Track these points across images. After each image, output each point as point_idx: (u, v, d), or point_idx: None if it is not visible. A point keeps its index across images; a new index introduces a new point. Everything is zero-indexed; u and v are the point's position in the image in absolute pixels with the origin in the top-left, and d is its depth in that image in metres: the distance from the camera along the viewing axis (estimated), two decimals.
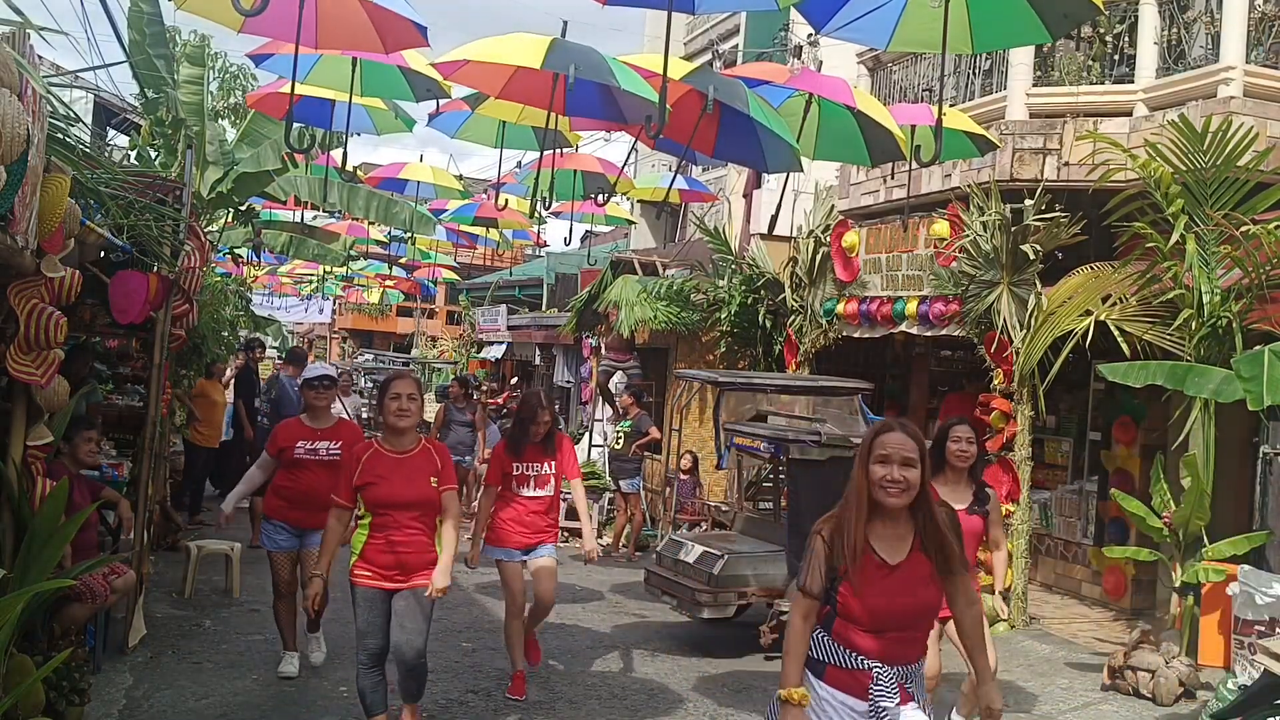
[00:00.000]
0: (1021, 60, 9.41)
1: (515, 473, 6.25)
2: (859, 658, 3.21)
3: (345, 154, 7.82)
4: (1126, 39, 9.31)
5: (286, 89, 6.25)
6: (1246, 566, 6.69)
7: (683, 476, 11.12)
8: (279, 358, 17.23)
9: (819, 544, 3.24)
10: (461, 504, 5.64)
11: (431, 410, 16.43)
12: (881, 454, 3.19)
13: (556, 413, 6.83)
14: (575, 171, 9.72)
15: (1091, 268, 8.16)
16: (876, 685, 3.19)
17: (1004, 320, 8.33)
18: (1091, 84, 9.32)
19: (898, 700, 3.20)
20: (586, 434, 14.87)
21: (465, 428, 12.61)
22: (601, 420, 14.30)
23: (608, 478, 12.01)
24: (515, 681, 6.19)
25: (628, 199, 16.07)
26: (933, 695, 5.35)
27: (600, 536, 11.78)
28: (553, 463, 6.32)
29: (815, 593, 3.22)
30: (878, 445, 3.20)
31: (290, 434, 6.29)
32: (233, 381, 12.26)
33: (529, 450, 6.29)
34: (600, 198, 8.96)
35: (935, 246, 9.03)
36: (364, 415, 17.32)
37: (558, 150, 8.17)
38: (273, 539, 6.25)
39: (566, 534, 11.86)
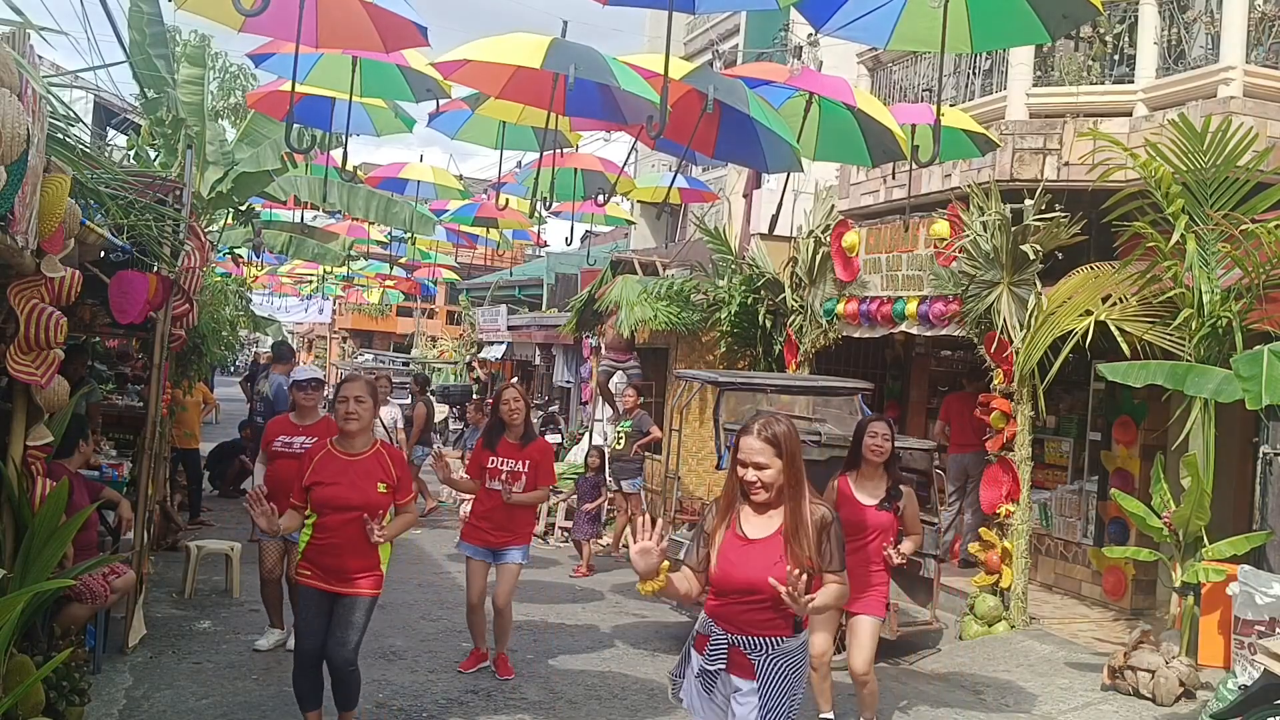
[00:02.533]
0: (1021, 60, 9.40)
1: (489, 465, 6.38)
2: (709, 622, 3.57)
3: (345, 154, 7.83)
4: (1126, 39, 9.31)
5: (286, 88, 6.26)
6: (1246, 566, 6.69)
7: (589, 474, 11.13)
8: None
9: (701, 523, 3.65)
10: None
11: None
12: (739, 456, 3.51)
13: (530, 407, 6.90)
14: (576, 170, 9.72)
15: (1091, 268, 8.15)
16: (709, 646, 3.53)
17: (1004, 320, 8.32)
18: (1091, 84, 9.31)
19: (723, 666, 3.51)
20: (586, 434, 14.86)
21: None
22: (601, 420, 14.29)
23: (608, 478, 11.99)
24: (470, 656, 6.47)
25: (628, 199, 16.07)
26: (820, 673, 5.61)
27: (600, 537, 11.78)
28: (527, 461, 6.38)
29: (693, 564, 3.61)
30: (738, 447, 3.51)
31: (275, 429, 6.60)
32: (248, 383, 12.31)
33: (503, 445, 6.41)
34: (600, 198, 8.96)
35: (935, 246, 9.03)
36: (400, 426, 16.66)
37: (558, 150, 8.17)
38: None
39: (565, 534, 11.87)
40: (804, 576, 3.33)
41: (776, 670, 3.48)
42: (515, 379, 22.91)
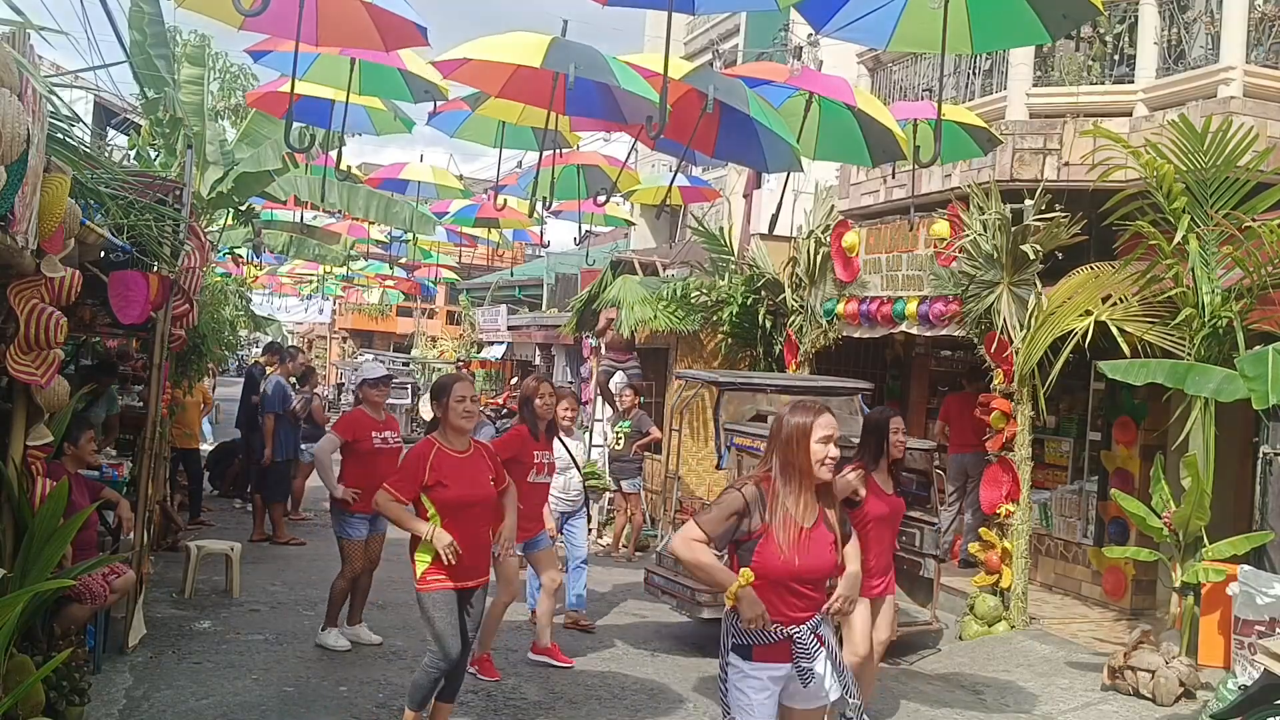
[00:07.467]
0: (1021, 60, 9.40)
1: (535, 460, 6.59)
2: (780, 628, 3.58)
3: (340, 154, 7.86)
4: (1126, 39, 9.31)
5: (286, 88, 6.26)
6: (1246, 566, 6.69)
7: None
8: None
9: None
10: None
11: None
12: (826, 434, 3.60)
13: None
14: (578, 169, 9.70)
15: (1091, 268, 8.15)
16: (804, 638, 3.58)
17: (1004, 320, 8.32)
18: (1091, 84, 9.31)
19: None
20: (587, 434, 14.86)
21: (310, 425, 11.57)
22: (602, 420, 14.30)
23: (608, 478, 12.00)
24: (483, 664, 6.50)
25: (628, 200, 16.07)
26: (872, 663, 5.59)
27: (600, 536, 11.79)
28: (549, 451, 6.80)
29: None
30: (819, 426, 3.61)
31: (364, 425, 6.99)
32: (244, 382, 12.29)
33: (544, 438, 6.72)
34: (600, 198, 8.94)
35: (935, 246, 9.03)
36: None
37: (557, 150, 8.16)
38: (357, 529, 6.84)
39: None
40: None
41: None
42: (515, 380, 22.88)
